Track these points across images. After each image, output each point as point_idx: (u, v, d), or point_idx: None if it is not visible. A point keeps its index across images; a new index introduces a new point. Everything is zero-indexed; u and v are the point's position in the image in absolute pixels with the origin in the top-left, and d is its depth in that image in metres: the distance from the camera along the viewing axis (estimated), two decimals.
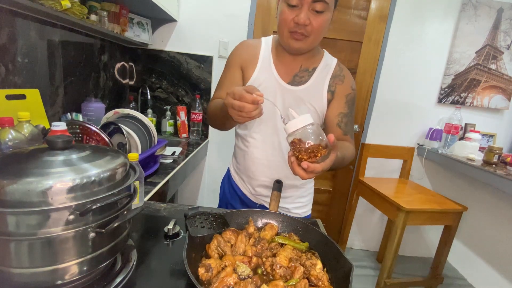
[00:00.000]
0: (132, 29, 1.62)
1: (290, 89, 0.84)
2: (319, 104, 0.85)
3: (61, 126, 0.73)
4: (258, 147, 0.90)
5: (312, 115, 0.79)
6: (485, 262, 1.93)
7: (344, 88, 0.86)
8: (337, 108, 0.86)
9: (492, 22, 1.83)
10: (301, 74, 0.85)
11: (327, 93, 0.85)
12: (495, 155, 1.57)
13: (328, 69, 0.86)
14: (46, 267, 0.40)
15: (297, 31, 0.75)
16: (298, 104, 0.84)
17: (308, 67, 0.85)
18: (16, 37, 0.97)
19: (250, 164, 0.92)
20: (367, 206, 2.08)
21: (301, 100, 0.84)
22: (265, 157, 0.90)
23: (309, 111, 0.84)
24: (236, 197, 1.01)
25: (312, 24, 0.74)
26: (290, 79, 0.85)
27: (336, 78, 0.86)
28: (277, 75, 0.85)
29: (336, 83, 0.86)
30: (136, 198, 0.70)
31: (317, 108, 0.85)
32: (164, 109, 1.89)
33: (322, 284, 0.52)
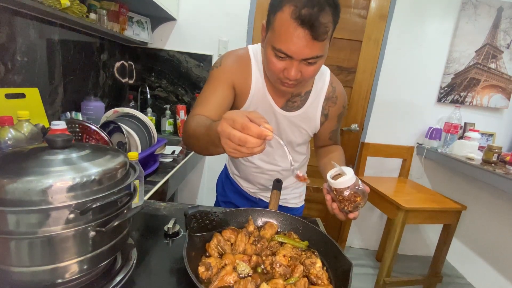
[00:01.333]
0: (132, 28, 1.62)
1: (284, 115, 0.82)
2: (313, 128, 0.86)
3: (61, 125, 0.73)
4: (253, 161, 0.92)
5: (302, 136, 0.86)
6: (484, 261, 1.94)
7: (336, 109, 0.86)
8: (329, 127, 0.88)
9: (492, 21, 1.83)
10: (293, 99, 0.82)
11: (321, 117, 0.85)
12: (494, 154, 1.57)
13: (320, 93, 0.82)
14: (46, 266, 0.40)
15: (287, 82, 0.67)
16: (291, 129, 0.85)
17: (300, 92, 0.81)
18: (15, 36, 0.96)
19: (248, 173, 0.96)
20: (366, 205, 2.07)
21: (294, 125, 0.84)
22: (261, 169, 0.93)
23: (301, 134, 0.86)
24: (236, 192, 1.04)
25: (303, 75, 0.66)
26: (283, 104, 0.81)
27: (329, 100, 0.84)
28: (271, 100, 0.80)
29: (329, 106, 0.85)
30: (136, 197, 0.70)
31: (309, 131, 0.87)
32: (163, 108, 1.89)
33: (322, 283, 0.52)
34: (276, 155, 0.90)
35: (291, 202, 1.02)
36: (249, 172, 0.95)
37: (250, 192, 1.01)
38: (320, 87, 0.82)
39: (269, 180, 0.94)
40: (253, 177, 0.96)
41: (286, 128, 0.84)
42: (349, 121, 2.02)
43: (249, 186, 1.00)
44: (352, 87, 1.96)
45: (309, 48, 0.60)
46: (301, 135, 0.87)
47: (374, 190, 1.77)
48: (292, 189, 1.01)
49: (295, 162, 0.95)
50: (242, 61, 0.79)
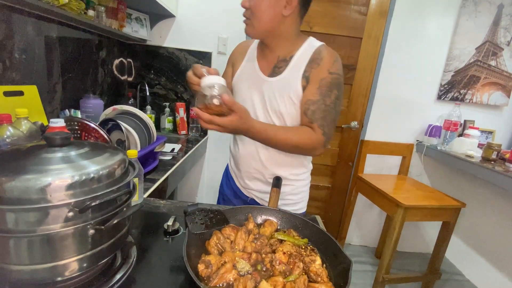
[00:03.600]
0: (130, 25, 1.61)
1: (267, 80, 0.83)
2: (294, 91, 0.79)
3: (59, 123, 0.73)
4: (242, 141, 0.92)
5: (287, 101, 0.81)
6: (482, 258, 1.95)
7: (320, 72, 0.77)
8: (307, 95, 0.78)
9: (493, 18, 1.82)
10: (279, 64, 0.83)
11: (302, 80, 0.79)
12: (493, 152, 1.57)
13: (306, 55, 0.79)
14: (45, 264, 0.40)
15: (244, 15, 0.78)
16: (278, 97, 0.81)
17: (285, 57, 0.82)
18: (13, 33, 0.96)
19: (238, 157, 0.95)
20: (366, 202, 2.08)
21: (278, 91, 0.81)
22: (249, 150, 0.91)
23: (288, 101, 0.80)
24: (231, 190, 1.03)
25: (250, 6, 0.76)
26: (270, 71, 0.84)
27: (312, 62, 0.78)
28: (257, 68, 0.86)
29: (311, 68, 0.78)
30: (136, 195, 0.70)
31: (294, 99, 0.79)
32: (163, 105, 1.89)
33: (322, 280, 0.52)
34: None
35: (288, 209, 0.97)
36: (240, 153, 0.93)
37: (242, 189, 0.98)
38: (306, 51, 0.80)
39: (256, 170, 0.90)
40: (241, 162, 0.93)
41: (272, 95, 0.82)
42: (348, 118, 2.02)
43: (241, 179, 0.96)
44: (352, 85, 1.96)
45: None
46: (287, 102, 0.81)
47: (373, 188, 1.77)
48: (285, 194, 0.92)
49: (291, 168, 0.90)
50: (246, 43, 0.95)
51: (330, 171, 2.13)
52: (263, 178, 0.92)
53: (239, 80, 0.91)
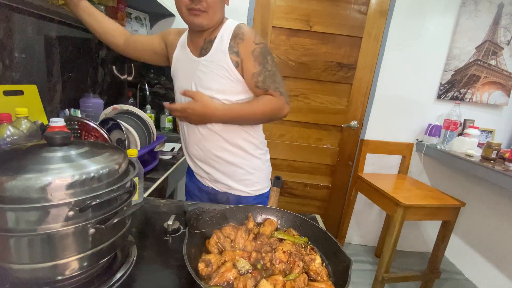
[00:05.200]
0: (130, 24, 1.61)
1: (197, 60, 0.87)
2: (227, 68, 0.84)
3: (59, 122, 0.73)
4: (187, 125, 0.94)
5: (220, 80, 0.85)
6: (482, 257, 1.95)
7: (247, 45, 0.84)
8: (249, 70, 0.84)
9: (493, 18, 1.82)
10: (206, 46, 0.87)
11: (231, 55, 0.84)
12: (493, 151, 1.57)
13: (227, 32, 0.85)
14: (46, 263, 0.40)
15: (193, 7, 0.78)
16: (209, 75, 0.85)
17: (210, 37, 0.87)
18: (13, 33, 0.95)
19: (187, 143, 0.97)
20: (365, 201, 2.09)
21: (209, 69, 0.85)
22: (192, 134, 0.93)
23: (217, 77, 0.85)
24: (192, 183, 1.04)
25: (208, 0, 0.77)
26: (199, 53, 0.88)
27: (236, 38, 0.85)
28: (189, 52, 0.90)
29: (237, 43, 0.84)
30: (136, 194, 0.70)
31: (228, 75, 0.84)
32: (163, 105, 1.88)
33: (321, 279, 0.53)
34: None
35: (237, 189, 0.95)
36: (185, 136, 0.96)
37: (199, 178, 1.00)
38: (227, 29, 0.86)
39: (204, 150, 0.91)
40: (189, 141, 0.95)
41: (202, 73, 0.86)
42: (348, 117, 2.01)
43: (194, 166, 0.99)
44: (352, 84, 1.95)
45: None
46: (219, 77, 0.85)
47: (373, 187, 1.77)
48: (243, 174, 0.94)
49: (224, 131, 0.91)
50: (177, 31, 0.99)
51: (330, 171, 2.13)
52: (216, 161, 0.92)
53: (176, 67, 0.95)
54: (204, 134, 0.90)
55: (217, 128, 0.89)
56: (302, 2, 1.79)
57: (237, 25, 0.87)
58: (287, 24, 1.82)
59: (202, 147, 0.92)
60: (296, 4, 1.80)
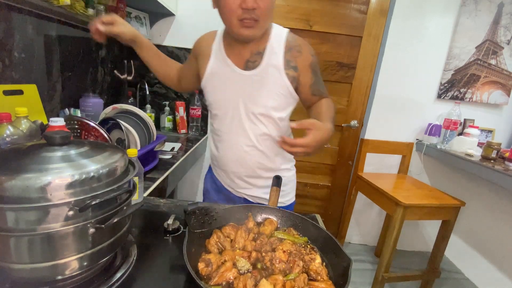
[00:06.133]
0: (130, 24, 1.60)
1: (245, 74, 0.81)
2: (281, 84, 0.81)
3: (59, 122, 0.73)
4: (227, 141, 0.89)
5: (276, 98, 0.82)
6: (482, 256, 1.95)
7: (304, 58, 0.82)
8: (306, 83, 0.84)
9: (493, 17, 1.82)
10: (253, 58, 0.81)
11: (288, 70, 0.80)
12: (493, 151, 1.57)
13: (279, 43, 0.81)
14: (46, 263, 0.40)
15: (246, 17, 0.71)
16: (261, 90, 0.81)
17: (258, 50, 0.81)
18: (13, 32, 0.95)
19: (223, 158, 0.92)
20: (365, 201, 2.09)
21: (260, 83, 0.81)
22: (235, 150, 0.89)
23: (272, 94, 0.81)
24: (220, 194, 1.01)
25: (259, 6, 0.70)
26: (244, 66, 0.82)
27: (292, 50, 0.80)
28: (230, 63, 0.83)
29: (294, 57, 0.81)
30: (136, 193, 0.70)
31: (283, 91, 0.82)
32: (162, 104, 1.88)
33: (321, 278, 0.53)
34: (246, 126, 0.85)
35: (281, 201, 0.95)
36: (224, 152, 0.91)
37: (232, 190, 0.97)
38: (277, 39, 0.81)
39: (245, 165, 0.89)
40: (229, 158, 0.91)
41: (254, 89, 0.81)
42: (348, 117, 2.01)
43: (228, 180, 0.96)
44: (352, 83, 1.95)
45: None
46: (274, 94, 0.82)
47: (373, 187, 1.77)
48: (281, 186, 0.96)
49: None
50: (208, 35, 0.91)
51: (330, 170, 2.13)
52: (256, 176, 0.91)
53: (211, 78, 0.87)
54: (248, 151, 0.88)
55: (262, 146, 0.87)
56: (302, 1, 1.79)
57: (288, 36, 0.81)
58: (287, 23, 1.82)
59: (243, 163, 0.89)
60: (296, 3, 1.80)
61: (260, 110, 0.83)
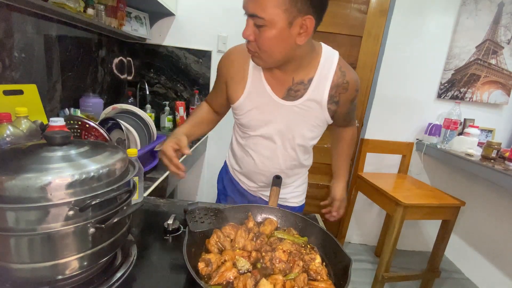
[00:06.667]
0: (130, 24, 1.61)
1: (286, 104, 0.77)
2: (321, 118, 0.79)
3: (59, 122, 0.73)
4: (255, 159, 0.89)
5: (314, 129, 0.82)
6: (482, 256, 1.95)
7: (349, 95, 0.78)
8: (343, 112, 0.83)
9: (493, 17, 1.82)
10: (296, 87, 0.76)
11: (330, 105, 0.77)
12: (493, 150, 1.57)
13: (326, 77, 0.75)
14: (46, 263, 0.40)
15: (248, 47, 0.69)
16: (297, 121, 0.79)
17: (303, 79, 0.75)
18: (13, 32, 0.95)
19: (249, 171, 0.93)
20: (365, 201, 2.09)
21: (300, 115, 0.78)
22: (262, 168, 0.89)
23: (311, 125, 0.80)
24: (236, 190, 1.03)
25: (256, 40, 0.65)
26: (284, 94, 0.77)
27: (339, 87, 0.76)
28: (270, 90, 0.77)
29: (339, 93, 0.77)
30: (136, 193, 0.70)
31: (318, 122, 0.80)
32: (162, 104, 1.88)
33: (321, 278, 0.53)
34: (278, 153, 0.86)
35: (291, 201, 1.00)
36: (250, 168, 0.92)
37: (250, 190, 0.98)
38: (325, 72, 0.75)
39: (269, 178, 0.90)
40: (254, 173, 0.92)
41: (293, 120, 0.79)
42: None
43: (249, 183, 0.97)
44: None
45: (252, 2, 0.62)
46: (312, 127, 0.80)
47: (373, 186, 1.77)
48: (293, 187, 0.98)
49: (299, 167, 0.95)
50: (239, 57, 0.80)
51: (330, 170, 2.12)
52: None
53: (248, 101, 0.80)
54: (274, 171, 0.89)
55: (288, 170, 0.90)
56: None
57: (339, 70, 0.75)
58: None
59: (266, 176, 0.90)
60: None
61: (297, 141, 0.83)
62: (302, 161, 0.91)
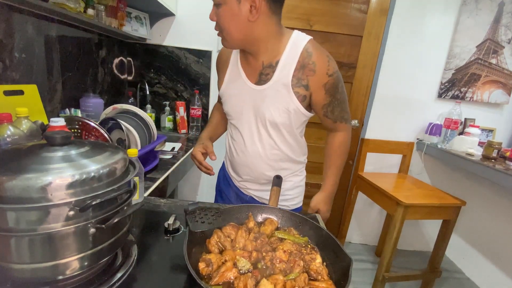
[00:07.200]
0: (130, 24, 1.61)
1: (256, 89, 0.80)
2: (286, 100, 0.78)
3: (60, 122, 0.73)
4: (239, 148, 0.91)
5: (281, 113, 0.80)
6: (482, 256, 1.95)
7: (319, 78, 0.76)
8: (319, 102, 0.80)
9: (493, 16, 1.82)
10: (266, 71, 0.78)
11: (297, 88, 0.76)
12: (494, 150, 1.57)
13: (292, 58, 0.75)
14: (47, 263, 0.40)
15: (216, 29, 0.76)
16: (267, 105, 0.79)
17: (271, 62, 0.77)
18: (13, 32, 0.95)
19: (235, 162, 0.95)
20: (366, 201, 2.09)
21: (268, 98, 0.79)
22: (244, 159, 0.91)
23: (278, 110, 0.79)
24: (229, 187, 1.04)
25: (218, 21, 0.73)
26: (257, 79, 0.80)
27: (305, 68, 0.75)
28: (244, 77, 0.82)
29: (307, 75, 0.76)
30: (136, 193, 0.70)
31: (285, 105, 0.78)
32: (163, 104, 1.89)
33: (322, 278, 0.53)
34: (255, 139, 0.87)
35: (282, 204, 0.97)
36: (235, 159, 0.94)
37: (241, 188, 0.99)
38: (292, 54, 0.76)
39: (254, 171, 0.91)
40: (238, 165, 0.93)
41: (264, 105, 0.80)
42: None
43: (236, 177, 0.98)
44: (352, 83, 1.95)
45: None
46: (279, 111, 0.79)
47: (373, 186, 1.77)
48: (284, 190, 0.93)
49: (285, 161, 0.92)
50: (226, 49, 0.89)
51: None
52: (264, 180, 0.93)
53: (227, 89, 0.87)
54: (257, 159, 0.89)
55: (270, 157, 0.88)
56: (303, 1, 1.79)
57: (305, 50, 0.75)
58: (288, 23, 1.82)
59: (252, 169, 0.91)
60: (297, 3, 1.80)
61: (269, 124, 0.83)
62: (288, 152, 0.88)
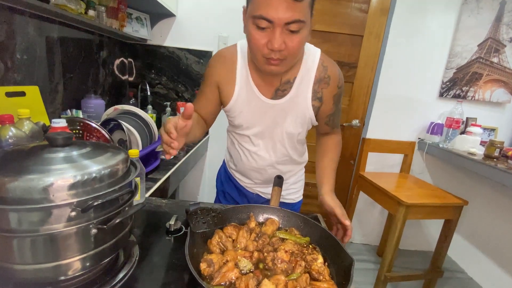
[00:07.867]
0: (131, 25, 1.61)
1: (273, 103, 0.80)
2: (304, 113, 0.81)
3: (61, 123, 0.73)
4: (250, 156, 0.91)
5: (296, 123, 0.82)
6: (485, 256, 1.94)
7: (331, 90, 0.81)
8: (325, 112, 0.84)
9: (495, 15, 1.81)
10: (283, 87, 0.79)
11: (314, 101, 0.80)
12: (496, 149, 1.56)
13: (309, 74, 0.78)
14: (48, 263, 0.41)
15: (272, 57, 0.66)
16: (286, 118, 0.82)
17: (289, 79, 0.78)
18: (15, 34, 0.96)
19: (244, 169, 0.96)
20: (367, 200, 2.08)
21: (285, 112, 0.81)
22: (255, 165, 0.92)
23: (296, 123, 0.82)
24: (233, 187, 1.04)
25: (288, 47, 0.64)
26: (273, 94, 0.80)
27: (321, 82, 0.79)
28: (258, 92, 0.79)
29: (322, 88, 0.80)
30: (138, 194, 0.70)
31: (303, 118, 0.82)
32: (164, 105, 1.89)
33: (323, 278, 0.52)
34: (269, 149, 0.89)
35: (288, 198, 1.01)
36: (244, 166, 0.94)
37: (247, 187, 1.00)
38: (308, 68, 0.77)
39: (264, 175, 0.94)
40: (248, 170, 0.95)
41: (280, 118, 0.82)
42: (350, 116, 2.01)
43: (246, 180, 0.99)
44: (353, 83, 1.95)
45: (290, 10, 0.59)
46: (295, 124, 0.83)
47: (375, 186, 1.77)
48: (288, 185, 0.99)
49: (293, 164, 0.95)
50: (227, 59, 0.81)
51: None
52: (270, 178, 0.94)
53: (237, 104, 0.82)
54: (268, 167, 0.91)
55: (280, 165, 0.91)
56: None
57: (321, 65, 0.78)
58: None
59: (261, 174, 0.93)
60: None
61: (285, 138, 0.86)
62: (295, 157, 0.93)
